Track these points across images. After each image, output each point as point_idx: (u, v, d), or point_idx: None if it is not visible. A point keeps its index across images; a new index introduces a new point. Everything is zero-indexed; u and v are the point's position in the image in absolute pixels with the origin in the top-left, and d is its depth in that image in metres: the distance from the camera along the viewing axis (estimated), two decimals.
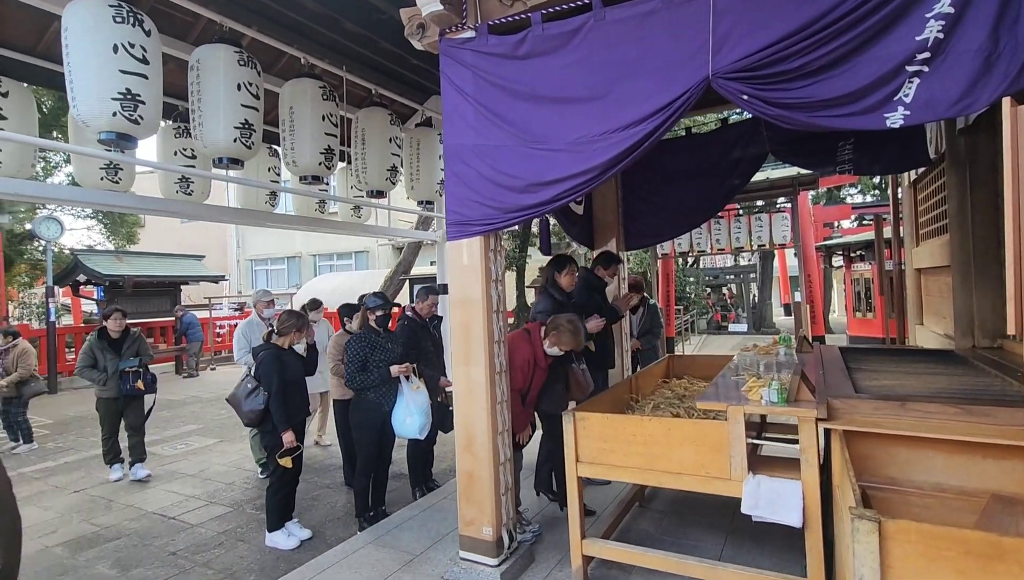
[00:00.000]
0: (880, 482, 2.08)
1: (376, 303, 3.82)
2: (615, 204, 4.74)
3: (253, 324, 5.00)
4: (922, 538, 1.30)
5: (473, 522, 2.84)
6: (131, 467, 5.12)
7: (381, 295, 3.98)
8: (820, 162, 4.02)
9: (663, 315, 10.75)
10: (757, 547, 2.96)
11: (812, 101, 2.14)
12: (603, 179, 2.56)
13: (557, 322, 3.12)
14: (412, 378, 3.71)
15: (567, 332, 3.08)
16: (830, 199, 15.83)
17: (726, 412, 2.31)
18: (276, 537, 3.62)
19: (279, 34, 4.39)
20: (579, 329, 3.12)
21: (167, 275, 12.10)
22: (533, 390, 3.20)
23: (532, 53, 2.65)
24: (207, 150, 3.89)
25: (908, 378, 2.63)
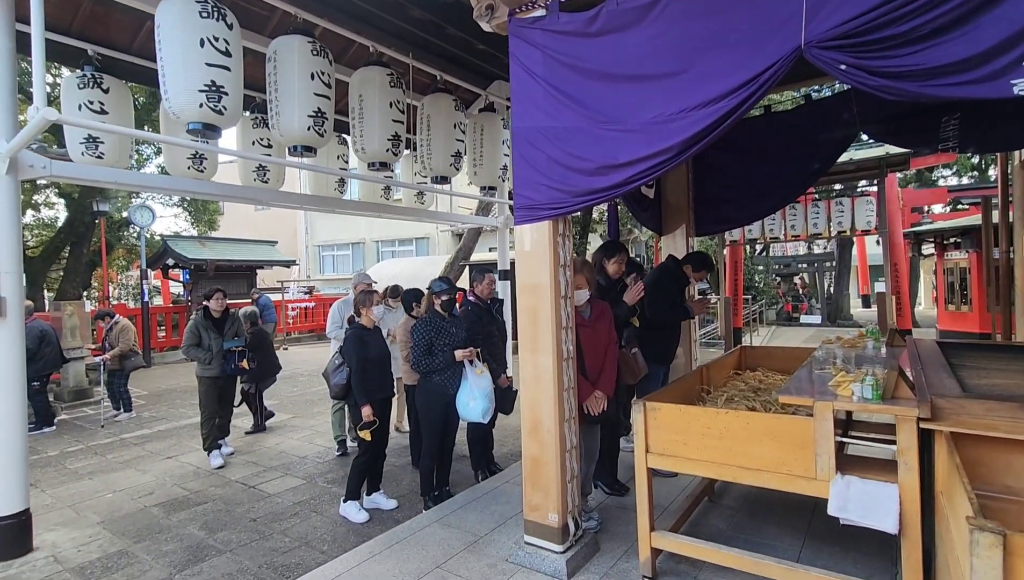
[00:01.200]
0: (993, 491, 1.88)
1: (441, 287, 3.87)
2: (686, 188, 4.55)
3: (348, 303, 5.20)
4: None
5: (539, 507, 2.84)
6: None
7: (446, 280, 4.02)
8: (920, 140, 3.67)
9: (731, 305, 10.32)
10: (840, 550, 2.78)
11: (923, 69, 1.93)
12: (679, 161, 2.43)
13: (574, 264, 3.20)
14: (476, 362, 3.75)
15: (579, 266, 3.09)
16: (920, 181, 14.56)
17: (811, 407, 2.17)
18: (348, 509, 3.80)
19: (348, 23, 4.48)
20: (587, 263, 3.20)
21: (244, 259, 12.85)
22: (587, 355, 3.12)
23: (605, 29, 2.55)
24: (283, 139, 4.05)
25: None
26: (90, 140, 4.28)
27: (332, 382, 3.85)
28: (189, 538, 3.60)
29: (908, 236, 11.03)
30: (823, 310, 16.68)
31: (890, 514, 1.98)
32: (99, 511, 4.07)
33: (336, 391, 3.82)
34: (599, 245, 3.87)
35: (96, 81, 4.26)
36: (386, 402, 3.89)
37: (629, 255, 3.83)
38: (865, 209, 7.95)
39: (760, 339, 12.82)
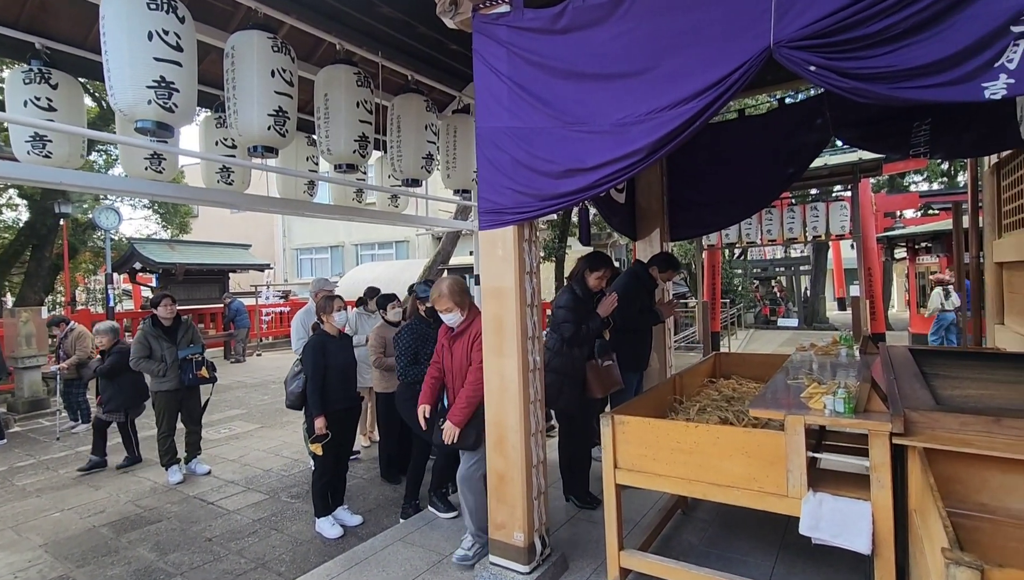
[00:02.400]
0: (968, 509, 1.81)
1: (426, 292, 3.70)
2: (660, 192, 4.48)
3: (311, 312, 5.00)
4: None
5: (504, 526, 2.71)
6: (188, 463, 4.95)
7: (431, 282, 3.86)
8: (892, 146, 3.64)
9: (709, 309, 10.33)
10: (814, 566, 2.71)
11: (895, 70, 1.86)
12: (647, 164, 2.34)
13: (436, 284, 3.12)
14: None
15: (450, 290, 2.97)
16: (893, 187, 14.82)
17: (783, 421, 2.08)
18: (321, 524, 3.64)
19: (317, 21, 4.32)
20: (464, 291, 3.03)
21: (216, 263, 12.50)
22: (447, 374, 3.06)
23: (572, 26, 2.45)
24: (241, 138, 3.87)
25: (999, 388, 2.31)
26: (37, 138, 4.04)
27: (288, 390, 3.69)
28: (138, 561, 3.39)
29: (881, 240, 11.19)
30: (800, 313, 16.87)
31: (863, 533, 1.90)
32: (43, 532, 3.83)
33: (291, 400, 3.65)
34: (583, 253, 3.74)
35: (44, 76, 4.03)
36: (349, 413, 3.73)
37: (614, 269, 3.71)
38: (839, 214, 8.02)
39: (738, 342, 12.89)
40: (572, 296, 3.36)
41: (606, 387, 3.36)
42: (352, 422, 3.82)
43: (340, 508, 3.78)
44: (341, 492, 3.83)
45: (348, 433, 3.72)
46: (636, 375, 4.01)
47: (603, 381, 3.32)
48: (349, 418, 3.73)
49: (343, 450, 3.70)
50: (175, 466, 4.82)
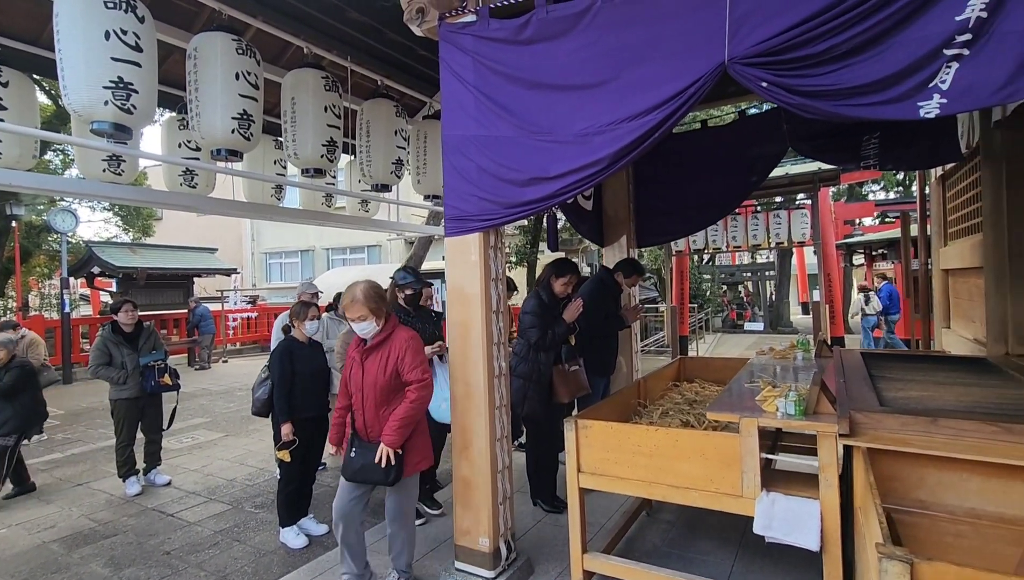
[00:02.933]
0: (908, 505, 1.90)
1: (406, 279, 3.60)
2: (627, 200, 4.57)
3: None
4: None
5: (469, 532, 2.72)
6: (147, 475, 4.77)
7: (411, 270, 3.78)
8: (844, 158, 3.81)
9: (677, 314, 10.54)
10: (771, 564, 2.79)
11: (838, 88, 1.96)
12: (609, 173, 2.40)
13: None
14: (446, 357, 3.40)
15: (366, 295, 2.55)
16: (852, 196, 15.39)
17: (738, 424, 2.15)
18: (286, 534, 3.56)
19: (285, 24, 4.27)
20: (380, 296, 2.61)
21: (179, 268, 12.16)
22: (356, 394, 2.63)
23: (536, 38, 2.50)
24: (204, 141, 3.80)
25: (938, 389, 2.44)
26: None
27: (254, 397, 3.63)
28: (90, 577, 3.27)
29: (841, 247, 11.61)
30: (766, 317, 17.32)
31: (812, 531, 1.98)
32: None
33: (257, 407, 3.60)
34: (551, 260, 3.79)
35: None
36: (318, 421, 3.67)
37: (580, 276, 3.76)
38: (800, 221, 8.29)
39: (706, 346, 13.16)
40: (538, 302, 3.40)
41: (572, 392, 3.41)
42: (321, 431, 3.76)
43: (306, 518, 3.72)
44: (307, 501, 3.77)
45: (317, 442, 3.66)
46: (603, 379, 4.07)
47: (569, 386, 3.36)
48: (318, 426, 3.68)
49: (311, 459, 3.64)
50: (133, 477, 4.65)
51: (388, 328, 2.61)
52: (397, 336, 2.60)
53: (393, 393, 2.58)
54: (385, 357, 2.57)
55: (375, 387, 2.57)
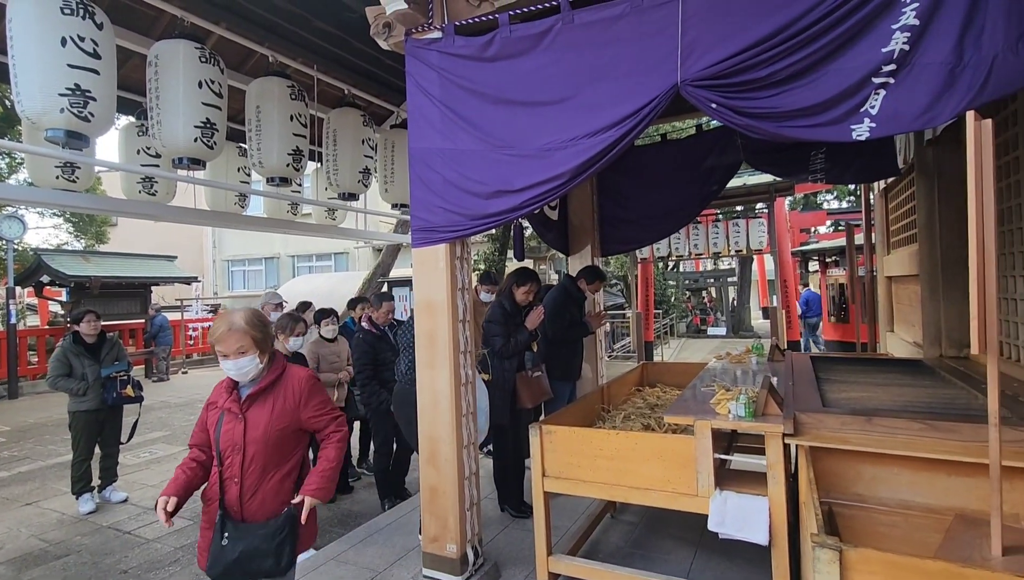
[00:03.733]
0: (847, 499, 2.04)
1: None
2: (591, 210, 4.69)
3: None
4: (884, 568, 1.25)
5: (437, 539, 2.75)
6: (103, 491, 4.62)
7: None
8: (793, 171, 4.02)
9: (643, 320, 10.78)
10: (727, 560, 2.91)
11: (779, 111, 2.11)
12: (570, 186, 2.49)
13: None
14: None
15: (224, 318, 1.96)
16: (807, 205, 16.06)
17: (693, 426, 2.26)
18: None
19: (250, 32, 4.25)
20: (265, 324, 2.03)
21: (136, 276, 11.74)
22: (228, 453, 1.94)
23: (500, 55, 2.58)
24: (166, 150, 3.75)
25: (876, 390, 2.61)
26: None
27: None
28: None
29: (796, 254, 12.09)
30: (728, 322, 17.84)
31: (761, 527, 2.09)
32: None
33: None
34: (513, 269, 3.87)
35: None
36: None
37: (540, 284, 3.85)
38: (758, 230, 8.63)
39: (671, 350, 13.47)
40: (501, 310, 3.47)
41: (536, 397, 3.48)
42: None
43: None
44: None
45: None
46: (569, 385, 4.16)
47: (533, 391, 3.44)
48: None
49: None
50: (87, 495, 4.49)
51: (276, 367, 2.03)
52: (291, 376, 2.04)
53: (288, 450, 2.02)
54: (277, 403, 1.98)
55: (264, 444, 1.93)
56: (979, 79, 1.89)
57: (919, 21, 1.94)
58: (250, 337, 1.93)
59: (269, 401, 1.99)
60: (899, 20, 1.97)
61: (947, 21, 1.91)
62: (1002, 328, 2.85)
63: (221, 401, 2.01)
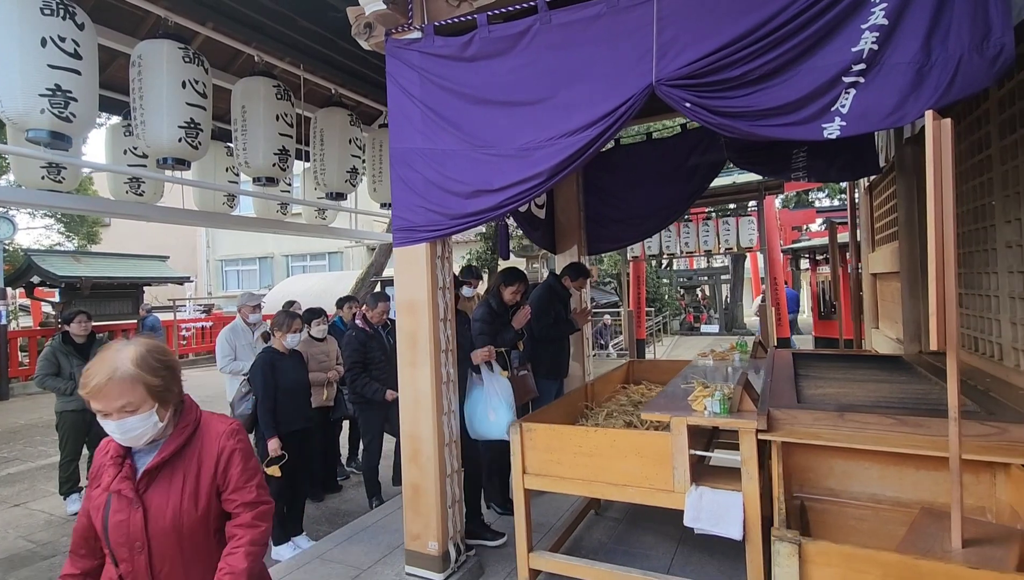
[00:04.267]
0: (819, 494, 2.07)
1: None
2: (577, 209, 4.71)
3: (237, 329, 4.80)
4: (842, 560, 1.28)
5: (419, 536, 2.77)
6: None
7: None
8: (776, 169, 4.04)
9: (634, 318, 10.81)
10: (707, 555, 2.94)
11: (753, 110, 2.13)
12: (549, 185, 2.51)
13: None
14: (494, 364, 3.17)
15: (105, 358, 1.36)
16: (799, 203, 16.12)
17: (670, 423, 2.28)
18: (281, 552, 3.46)
19: (237, 31, 4.24)
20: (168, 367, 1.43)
21: (128, 277, 11.70)
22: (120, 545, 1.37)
23: (479, 55, 2.60)
24: (150, 150, 3.75)
25: (852, 386, 2.64)
26: None
27: (236, 413, 3.55)
28: None
29: (787, 252, 12.15)
30: (721, 320, 17.90)
31: (735, 522, 2.12)
32: None
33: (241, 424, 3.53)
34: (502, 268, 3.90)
35: None
36: (304, 434, 3.62)
37: (527, 284, 3.86)
38: (748, 228, 8.67)
39: (664, 348, 13.51)
40: (488, 309, 3.48)
41: (521, 396, 3.49)
42: (308, 443, 3.72)
43: (298, 536, 3.60)
44: (300, 517, 3.68)
45: (304, 455, 3.62)
46: (556, 383, 4.18)
47: (518, 390, 3.45)
48: (304, 439, 3.63)
49: (298, 473, 3.58)
50: (75, 495, 4.48)
51: (186, 422, 1.46)
52: (208, 432, 1.48)
53: (211, 538, 1.45)
54: (190, 476, 1.42)
55: (179, 537, 1.39)
56: (946, 79, 1.92)
57: (888, 21, 1.96)
58: (142, 386, 1.33)
59: (179, 474, 1.40)
60: (868, 20, 1.99)
61: (915, 21, 1.94)
62: (979, 325, 2.88)
63: (106, 478, 1.39)
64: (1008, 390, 2.30)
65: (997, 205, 2.54)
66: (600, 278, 16.56)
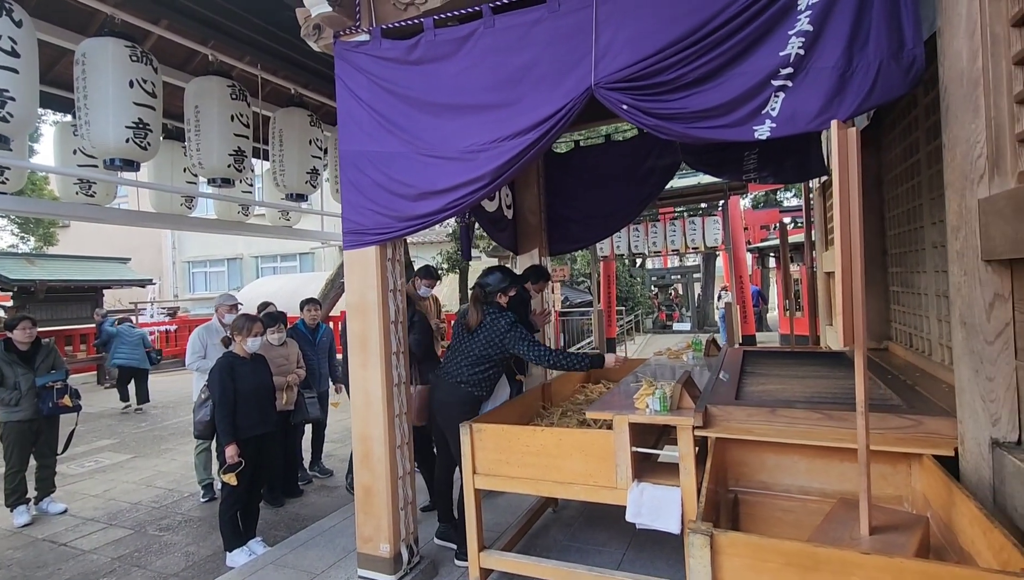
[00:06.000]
0: (753, 487, 2.14)
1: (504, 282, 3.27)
2: (539, 209, 4.74)
3: (212, 329, 4.70)
4: (750, 550, 1.32)
5: (371, 539, 2.76)
6: (39, 503, 4.47)
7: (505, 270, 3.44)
8: (729, 171, 4.14)
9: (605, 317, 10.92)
10: (658, 549, 3.00)
11: (687, 112, 2.18)
12: (492, 188, 2.53)
13: None
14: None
15: None
16: (767, 202, 16.49)
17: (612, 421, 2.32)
18: (235, 557, 3.39)
19: (194, 29, 4.15)
20: None
21: (86, 280, 11.33)
22: None
23: (424, 59, 2.60)
24: (96, 150, 3.65)
25: (793, 382, 2.72)
26: None
27: (195, 418, 3.51)
28: None
29: (754, 251, 12.42)
30: (693, 317, 18.20)
31: (674, 516, 2.17)
32: None
33: (199, 429, 3.49)
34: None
35: None
36: (264, 439, 3.55)
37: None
38: (713, 228, 8.84)
39: (636, 346, 13.68)
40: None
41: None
42: (269, 448, 3.67)
43: (253, 540, 3.52)
44: (255, 521, 3.60)
45: (264, 460, 3.57)
46: (516, 383, 4.20)
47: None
48: (265, 444, 3.57)
49: (256, 478, 3.53)
50: (22, 507, 4.33)
51: None
52: None
53: None
54: None
55: None
56: (867, 84, 2.00)
57: (812, 27, 2.03)
58: None
59: None
60: (795, 26, 2.06)
61: (837, 28, 2.01)
62: (913, 322, 3.00)
63: None
64: (934, 384, 2.40)
65: (925, 207, 2.65)
66: (574, 277, 16.68)
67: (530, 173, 4.63)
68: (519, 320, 4.08)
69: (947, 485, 1.58)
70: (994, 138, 1.52)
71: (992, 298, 1.55)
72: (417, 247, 16.14)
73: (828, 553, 1.23)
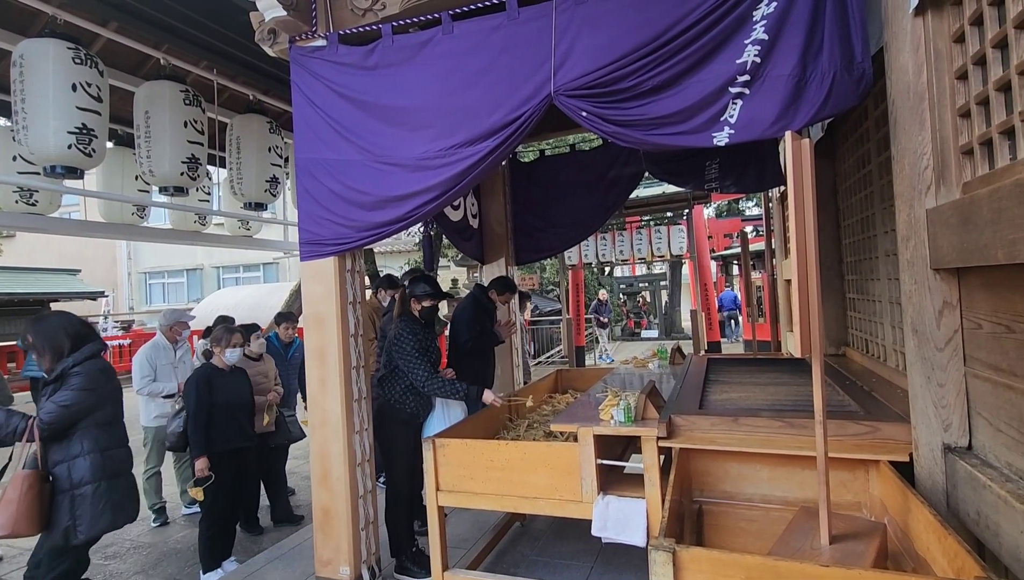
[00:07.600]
0: (716, 497, 2.13)
1: (425, 291, 3.12)
2: (505, 219, 4.72)
3: (159, 347, 4.47)
4: (711, 565, 1.30)
5: (330, 562, 2.65)
6: None
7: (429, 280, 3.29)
8: (690, 180, 4.19)
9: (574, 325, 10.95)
10: (626, 562, 2.96)
11: (646, 119, 2.19)
12: (451, 196, 2.49)
13: None
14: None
15: None
16: (729, 211, 16.90)
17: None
18: (210, 578, 3.24)
19: (146, 32, 3.98)
20: None
21: (31, 292, 10.76)
22: None
23: (381, 64, 2.55)
24: (35, 157, 3.46)
25: (755, 390, 2.74)
26: None
27: (168, 430, 3.36)
28: None
29: (718, 259, 12.70)
30: (661, 325, 18.45)
31: (639, 529, 2.14)
32: None
33: (172, 441, 3.34)
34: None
35: None
36: (241, 454, 3.41)
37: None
38: (678, 236, 8.98)
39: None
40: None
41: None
42: (245, 464, 3.50)
43: (227, 561, 3.38)
44: (231, 541, 3.45)
45: (240, 477, 3.42)
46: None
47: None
48: (242, 460, 3.42)
49: (237, 496, 3.40)
50: None
51: None
52: None
53: None
54: None
55: None
56: (822, 93, 2.04)
57: (768, 36, 2.06)
58: None
59: None
60: (751, 35, 2.09)
61: (791, 37, 2.05)
62: (869, 328, 3.07)
63: None
64: (889, 390, 2.44)
65: (878, 216, 2.72)
66: (543, 286, 16.72)
67: (496, 182, 4.61)
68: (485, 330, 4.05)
69: (903, 491, 1.60)
70: (940, 150, 1.56)
71: (941, 306, 1.58)
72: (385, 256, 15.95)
73: (788, 566, 1.22)
